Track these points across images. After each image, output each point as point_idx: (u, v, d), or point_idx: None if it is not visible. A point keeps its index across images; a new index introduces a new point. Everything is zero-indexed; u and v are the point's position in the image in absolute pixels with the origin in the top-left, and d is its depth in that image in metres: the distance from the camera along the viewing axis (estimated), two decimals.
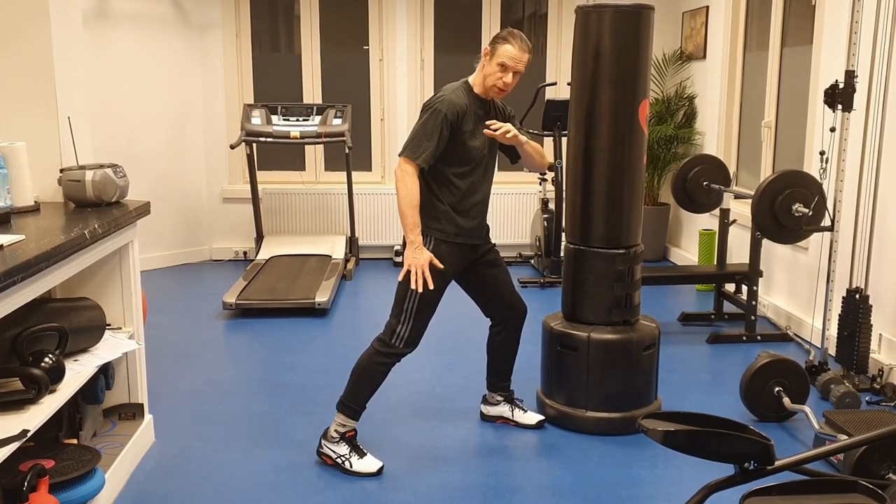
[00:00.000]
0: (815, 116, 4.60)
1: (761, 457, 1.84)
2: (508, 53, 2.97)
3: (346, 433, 3.11)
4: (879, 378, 3.88)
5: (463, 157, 3.04)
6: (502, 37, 3.00)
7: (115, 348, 2.90)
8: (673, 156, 6.60)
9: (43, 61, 2.98)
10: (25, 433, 2.22)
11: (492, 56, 3.01)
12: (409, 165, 2.94)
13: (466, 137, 3.03)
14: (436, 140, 2.95)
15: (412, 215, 2.93)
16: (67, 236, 2.48)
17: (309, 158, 6.95)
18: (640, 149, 3.39)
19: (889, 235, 3.96)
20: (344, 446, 3.10)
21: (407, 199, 2.93)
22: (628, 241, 3.43)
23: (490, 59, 3.01)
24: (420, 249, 2.95)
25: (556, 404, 3.50)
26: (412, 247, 2.95)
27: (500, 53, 2.98)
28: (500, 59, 2.98)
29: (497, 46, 2.99)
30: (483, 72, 3.04)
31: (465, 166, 3.06)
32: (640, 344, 3.40)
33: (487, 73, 3.02)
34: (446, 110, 2.95)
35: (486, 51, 3.03)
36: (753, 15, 5.73)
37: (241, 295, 5.27)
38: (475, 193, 3.13)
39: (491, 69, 3.01)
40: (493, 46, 3.01)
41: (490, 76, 3.01)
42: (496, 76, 3.00)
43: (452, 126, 2.98)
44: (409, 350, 3.09)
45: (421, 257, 2.94)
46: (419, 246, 2.95)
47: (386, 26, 6.70)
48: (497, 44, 3.00)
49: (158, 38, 6.26)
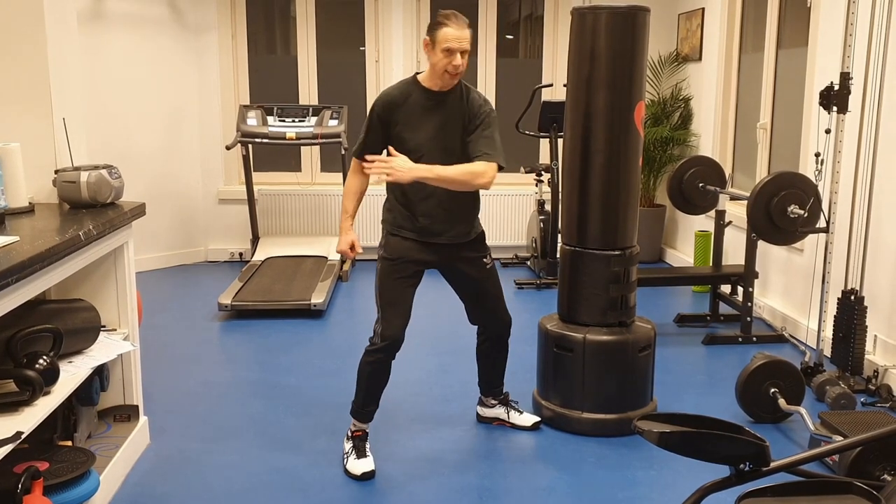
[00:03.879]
0: (810, 118, 4.60)
1: (757, 458, 1.84)
2: (449, 36, 2.88)
3: (354, 432, 3.17)
4: (874, 379, 3.88)
5: (399, 150, 2.96)
6: (438, 22, 2.91)
7: (110, 350, 2.90)
8: (669, 157, 6.61)
9: (38, 62, 2.97)
10: (19, 435, 2.21)
11: (433, 45, 2.91)
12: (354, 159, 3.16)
13: (400, 129, 3.01)
14: (365, 133, 3.08)
15: (344, 206, 3.15)
16: (62, 237, 2.47)
17: (305, 159, 6.95)
18: (635, 150, 3.39)
19: (884, 237, 3.97)
20: (349, 444, 3.16)
21: (345, 191, 3.18)
22: (624, 242, 3.43)
23: (433, 49, 2.92)
24: (342, 234, 3.13)
25: (551, 405, 3.50)
26: (340, 233, 3.15)
27: (441, 38, 2.89)
28: (442, 44, 2.89)
29: (435, 33, 2.90)
30: (430, 62, 2.96)
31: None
32: (635, 345, 3.40)
33: (434, 62, 2.93)
34: (377, 103, 3.04)
35: (425, 41, 2.94)
36: (749, 17, 5.74)
37: (236, 296, 5.26)
38: (420, 190, 3.02)
39: (437, 57, 2.91)
40: (432, 34, 2.91)
41: (438, 64, 2.92)
42: (444, 62, 2.91)
43: (382, 118, 3.03)
44: (385, 343, 3.02)
45: (340, 242, 3.13)
46: (342, 231, 3.13)
47: (382, 28, 6.70)
48: (434, 30, 2.90)
49: (154, 39, 6.25)
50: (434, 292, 3.30)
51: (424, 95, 3.02)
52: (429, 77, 3.01)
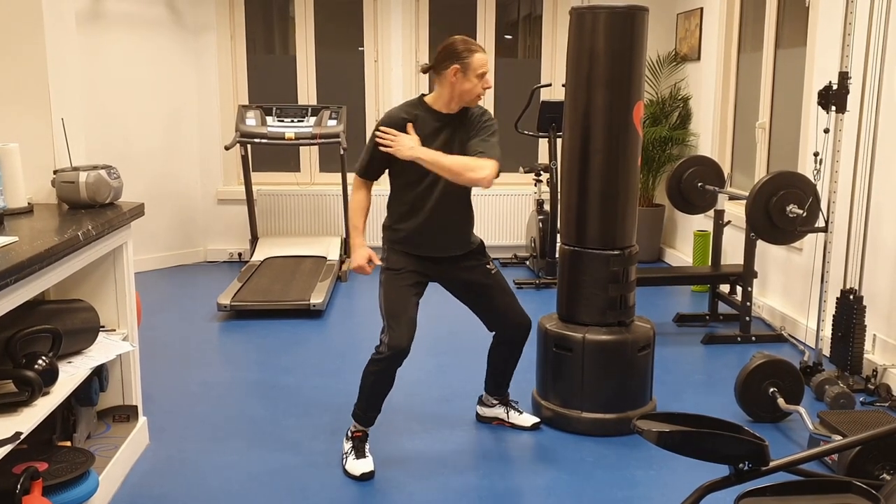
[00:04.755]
0: (808, 118, 4.61)
1: (756, 457, 1.85)
2: (483, 60, 3.02)
3: (354, 433, 3.17)
4: (873, 378, 3.89)
5: (400, 170, 3.06)
6: (466, 50, 2.99)
7: (109, 350, 2.89)
8: (667, 157, 6.61)
9: (36, 62, 2.97)
10: (18, 435, 2.21)
11: (466, 72, 2.99)
12: (356, 177, 3.16)
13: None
14: (369, 153, 3.08)
15: (352, 222, 3.14)
16: (61, 238, 2.47)
17: (304, 159, 6.94)
18: (634, 150, 3.39)
19: (883, 236, 3.97)
20: (348, 444, 3.17)
21: (351, 209, 3.17)
22: (623, 242, 3.43)
23: (465, 75, 2.99)
24: (354, 250, 3.14)
25: (551, 405, 3.50)
26: (351, 251, 3.16)
27: (477, 65, 2.99)
28: (477, 70, 2.99)
29: (467, 61, 2.97)
30: (458, 88, 3.00)
31: (404, 178, 3.08)
32: (634, 345, 3.40)
33: (466, 88, 3.00)
34: (383, 125, 3.04)
35: (455, 69, 2.98)
36: (747, 16, 5.74)
37: (235, 296, 5.26)
38: (419, 211, 3.08)
39: (470, 83, 3.00)
40: (463, 62, 2.97)
41: (471, 90, 3.01)
42: (478, 87, 3.02)
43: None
44: (390, 352, 3.03)
45: (356, 262, 3.12)
46: (355, 247, 3.14)
47: (380, 28, 6.70)
48: (465, 58, 2.97)
49: (153, 39, 6.25)
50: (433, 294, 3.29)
51: (433, 117, 3.06)
52: (444, 100, 3.06)
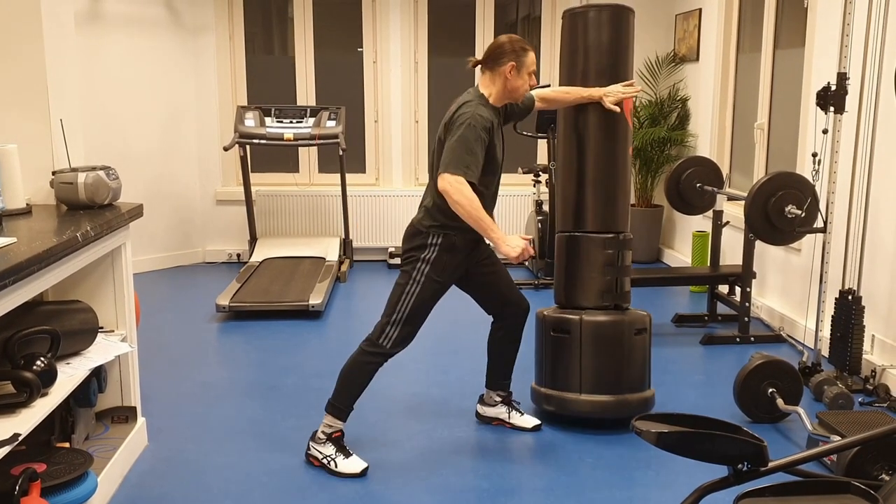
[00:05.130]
0: (807, 118, 4.61)
1: (755, 458, 1.84)
2: (532, 60, 3.12)
3: (332, 434, 3.13)
4: (872, 379, 3.89)
5: (491, 168, 3.09)
6: (520, 47, 3.08)
7: (107, 351, 2.89)
8: (666, 158, 6.62)
9: (35, 63, 2.96)
10: (17, 437, 2.21)
11: (519, 69, 3.08)
12: (457, 177, 2.92)
13: (496, 150, 3.09)
14: (478, 155, 2.97)
15: (485, 218, 2.96)
16: (59, 239, 2.47)
17: (303, 160, 6.94)
18: (625, 139, 3.53)
19: (881, 236, 3.98)
20: (330, 447, 3.11)
21: (474, 207, 2.93)
22: (616, 226, 3.50)
23: (519, 73, 3.08)
24: (510, 238, 3.00)
25: (550, 391, 3.51)
26: (502, 241, 2.98)
27: (529, 64, 3.11)
28: (529, 68, 3.11)
29: (523, 59, 3.08)
30: (510, 85, 3.09)
31: (492, 176, 3.12)
32: (631, 326, 3.44)
33: (517, 85, 3.10)
34: (480, 125, 2.98)
35: (512, 65, 3.05)
36: (746, 17, 5.74)
37: (234, 297, 5.26)
38: (492, 198, 3.19)
39: (521, 80, 3.11)
40: (519, 60, 3.06)
41: (521, 86, 3.12)
42: (527, 84, 3.14)
43: (486, 141, 3.02)
44: (395, 351, 3.10)
45: (517, 243, 2.99)
46: (504, 238, 2.99)
47: (379, 28, 6.70)
48: (522, 56, 3.07)
49: (151, 40, 6.25)
50: None
51: (495, 114, 3.12)
52: (498, 96, 3.13)
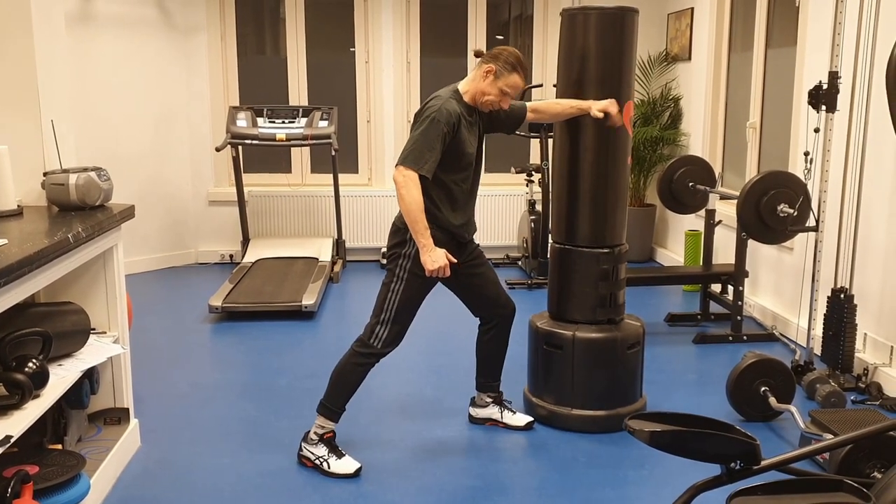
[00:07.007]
0: (799, 117, 4.62)
1: (747, 456, 1.85)
2: (514, 83, 3.00)
3: (324, 435, 3.13)
4: (864, 377, 3.90)
5: (461, 165, 3.05)
6: (512, 64, 2.98)
7: (99, 353, 2.88)
8: (658, 157, 6.63)
9: (25, 64, 2.95)
10: (8, 439, 2.20)
11: (496, 78, 2.98)
12: (410, 173, 2.90)
13: (464, 146, 3.02)
14: (437, 150, 2.92)
15: (422, 219, 2.91)
16: (51, 240, 2.46)
17: (295, 160, 6.93)
18: (624, 149, 3.42)
19: (873, 235, 3.99)
20: (322, 448, 3.11)
21: (415, 205, 2.89)
22: (612, 240, 3.45)
23: (493, 80, 2.99)
24: (434, 250, 2.95)
25: (542, 403, 3.51)
26: (426, 250, 2.94)
27: (509, 82, 2.99)
28: (505, 86, 2.99)
29: (506, 73, 2.98)
30: (479, 86, 3.01)
31: (463, 173, 3.07)
32: (624, 342, 3.42)
33: (485, 90, 3.00)
34: (444, 120, 2.92)
35: (490, 69, 2.98)
36: (738, 16, 5.76)
37: (227, 298, 5.24)
38: (467, 195, 3.15)
39: (491, 90, 3.00)
40: (502, 71, 2.97)
41: (488, 95, 3.01)
42: (494, 98, 3.01)
43: (449, 135, 2.95)
44: (387, 350, 3.10)
45: (439, 257, 2.95)
46: (430, 249, 2.94)
47: (371, 28, 6.69)
48: (507, 70, 2.97)
49: (143, 40, 6.22)
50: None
51: (466, 111, 3.05)
52: (471, 95, 3.05)
